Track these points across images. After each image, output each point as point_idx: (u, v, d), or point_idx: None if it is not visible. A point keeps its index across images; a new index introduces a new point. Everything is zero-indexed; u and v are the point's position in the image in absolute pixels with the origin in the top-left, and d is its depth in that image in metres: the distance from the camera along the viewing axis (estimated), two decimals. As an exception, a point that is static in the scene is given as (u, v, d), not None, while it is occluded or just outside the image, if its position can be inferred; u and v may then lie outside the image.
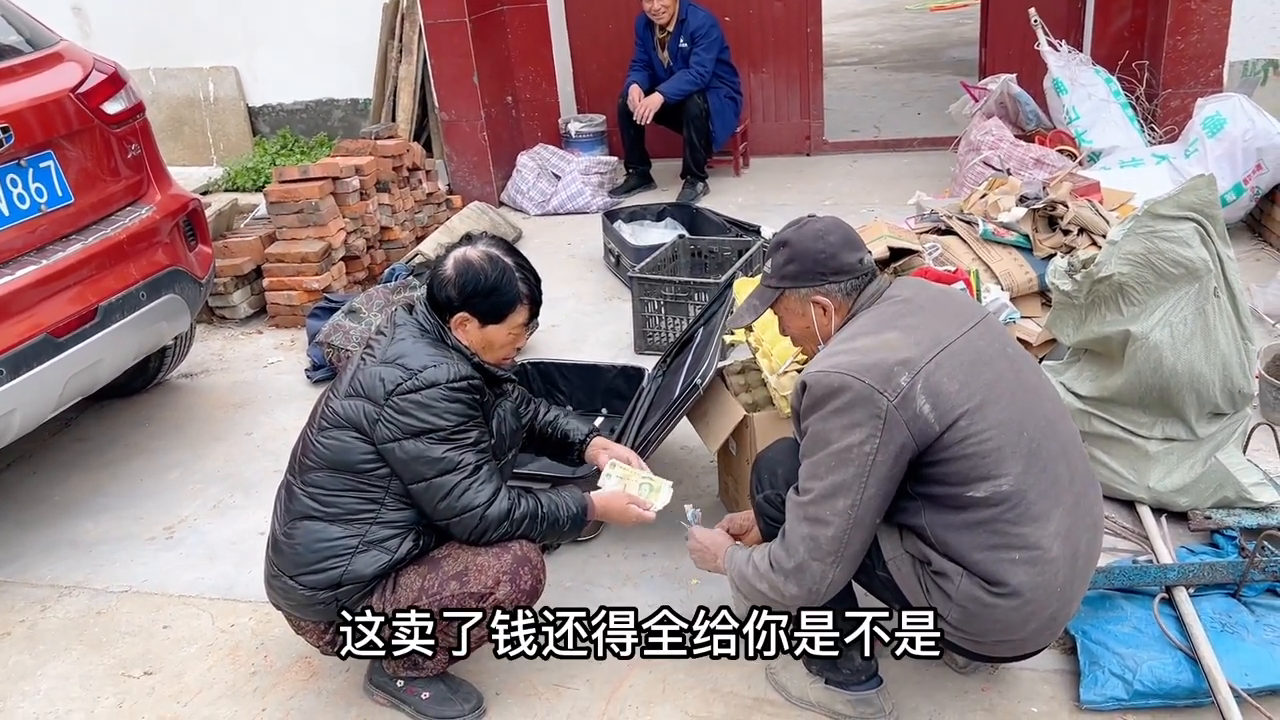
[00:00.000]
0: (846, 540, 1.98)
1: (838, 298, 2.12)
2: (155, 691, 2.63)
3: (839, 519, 1.96)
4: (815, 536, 1.98)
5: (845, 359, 1.95)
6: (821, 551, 1.98)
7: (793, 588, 2.03)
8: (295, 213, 4.86)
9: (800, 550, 2.00)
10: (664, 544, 3.00)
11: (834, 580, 2.01)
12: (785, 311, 2.20)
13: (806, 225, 2.15)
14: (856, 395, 1.91)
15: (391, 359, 2.26)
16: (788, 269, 2.14)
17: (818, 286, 2.12)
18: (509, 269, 2.30)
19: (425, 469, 2.21)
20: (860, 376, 1.91)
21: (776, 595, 2.08)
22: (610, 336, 4.42)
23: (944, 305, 2.09)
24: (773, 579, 2.06)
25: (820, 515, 1.97)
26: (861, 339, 2.00)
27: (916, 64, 9.62)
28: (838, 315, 2.13)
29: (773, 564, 2.06)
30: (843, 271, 2.11)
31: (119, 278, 3.33)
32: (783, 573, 2.04)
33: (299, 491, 2.32)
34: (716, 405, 2.92)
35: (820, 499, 1.97)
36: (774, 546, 2.08)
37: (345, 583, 2.26)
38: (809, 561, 2.00)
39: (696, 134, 6.10)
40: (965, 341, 1.99)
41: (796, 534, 2.01)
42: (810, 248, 2.11)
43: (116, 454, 3.81)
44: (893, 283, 2.16)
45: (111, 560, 3.19)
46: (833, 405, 1.94)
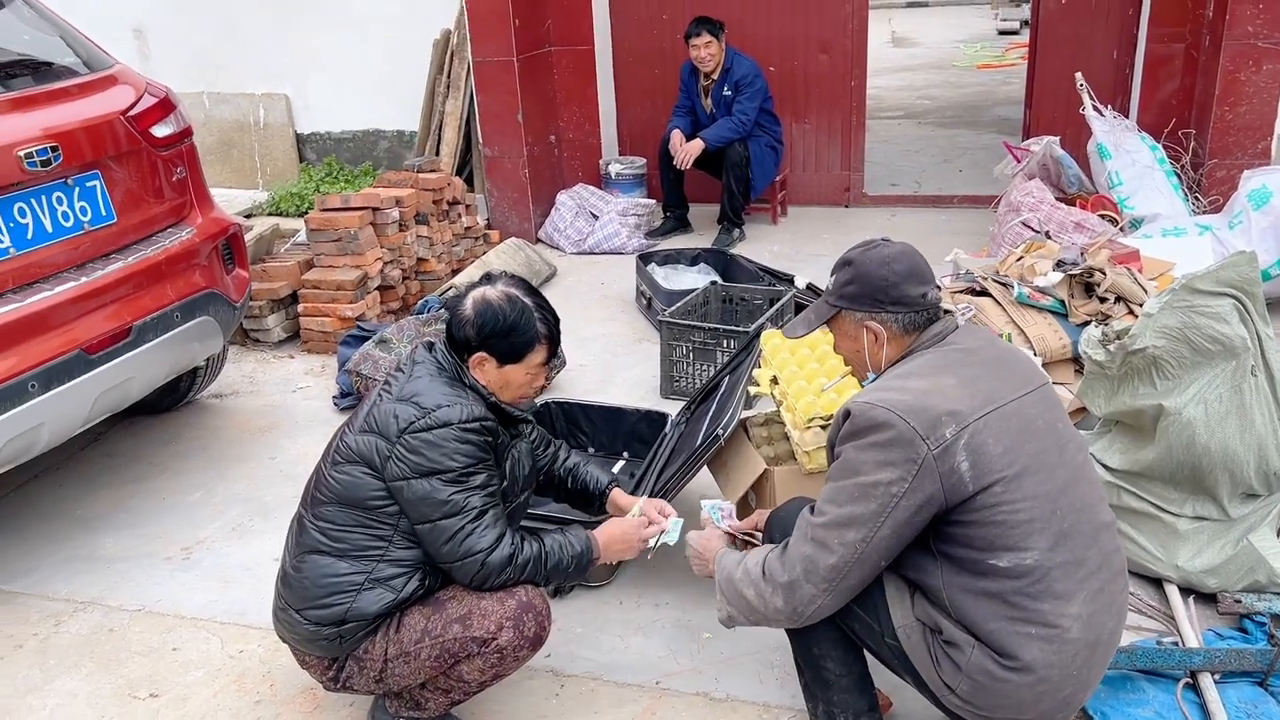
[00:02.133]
0: (845, 573, 1.95)
1: (893, 328, 2.09)
2: (159, 715, 2.62)
3: (844, 550, 1.93)
4: (815, 560, 1.96)
5: (895, 396, 1.93)
6: (817, 576, 1.96)
7: (778, 601, 2.01)
8: (334, 240, 4.92)
9: (797, 568, 1.98)
10: (678, 594, 2.97)
11: (821, 607, 1.99)
12: (838, 331, 2.19)
13: (875, 249, 2.13)
14: (898, 435, 1.88)
15: (407, 396, 2.27)
16: (847, 289, 2.12)
17: (874, 313, 2.09)
18: (528, 309, 2.30)
19: (431, 510, 2.20)
20: (906, 418, 1.88)
21: (760, 605, 2.05)
22: (637, 379, 4.41)
23: (1006, 364, 2.06)
24: (761, 588, 2.04)
25: (827, 540, 1.95)
26: (916, 380, 1.98)
27: (961, 120, 9.61)
28: (890, 346, 2.10)
29: (765, 572, 2.04)
30: (903, 303, 2.08)
31: (155, 298, 3.38)
32: (773, 584, 2.01)
33: (309, 525, 2.32)
34: (737, 456, 2.90)
35: (832, 525, 1.94)
36: (771, 556, 2.05)
37: (350, 619, 2.25)
38: (802, 582, 1.98)
39: (735, 181, 6.12)
40: (1018, 406, 1.96)
41: (798, 551, 1.99)
42: (873, 272, 2.09)
43: (142, 471, 3.84)
44: (959, 328, 2.13)
45: (128, 578, 3.20)
46: (871, 438, 1.91)
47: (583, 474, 2.69)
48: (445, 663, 2.26)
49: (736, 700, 2.57)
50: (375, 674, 2.30)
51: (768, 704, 2.55)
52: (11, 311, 2.92)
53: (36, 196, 3.06)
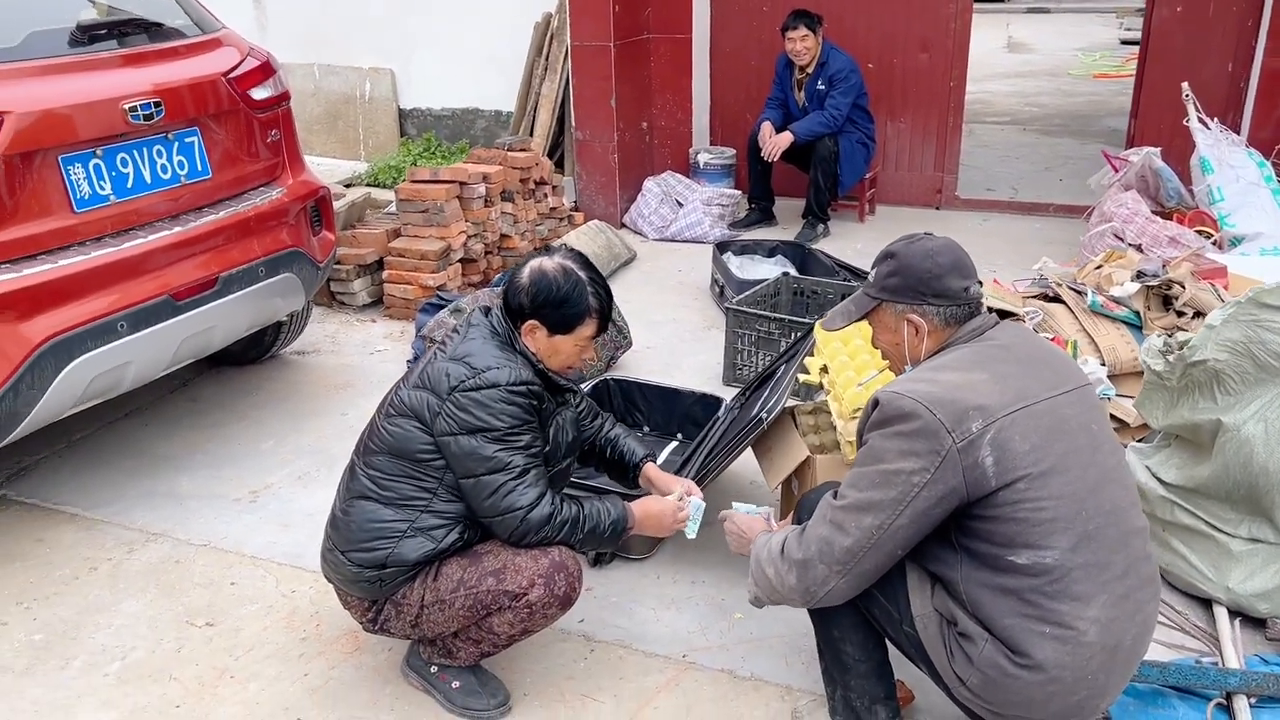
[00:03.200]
0: (859, 557, 1.97)
1: (934, 321, 2.09)
2: (212, 642, 2.78)
3: (860, 534, 1.95)
4: (831, 541, 1.98)
5: (924, 388, 1.94)
6: (831, 557, 1.98)
7: (792, 579, 2.04)
8: (421, 211, 5.07)
9: (812, 548, 2.01)
10: (715, 574, 3.01)
11: (834, 589, 2.01)
12: (878, 323, 2.20)
13: (919, 241, 2.13)
14: (924, 426, 1.89)
15: (460, 356, 2.35)
16: (889, 281, 2.13)
17: (915, 305, 2.10)
18: (581, 282, 2.37)
19: (476, 465, 2.29)
20: (933, 409, 1.89)
21: (778, 583, 2.08)
22: (701, 365, 4.45)
23: (1042, 363, 2.04)
24: (779, 565, 2.07)
25: (844, 523, 1.97)
26: (948, 373, 1.98)
27: (1068, 129, 9.36)
28: (930, 339, 2.10)
29: (783, 550, 2.08)
30: (944, 296, 2.08)
31: (242, 252, 3.55)
32: (789, 562, 2.05)
33: (360, 472, 2.43)
34: (782, 442, 2.92)
35: (851, 508, 1.96)
36: (791, 535, 2.09)
37: (390, 564, 2.35)
38: (816, 562, 2.00)
39: (823, 176, 6.09)
40: (1050, 405, 1.94)
41: (815, 532, 2.02)
42: (916, 265, 2.10)
43: (221, 417, 4.04)
44: (998, 324, 2.13)
45: (198, 515, 3.38)
46: (897, 427, 1.93)
47: (621, 446, 2.75)
48: (477, 613, 2.35)
49: (760, 680, 2.60)
50: (411, 619, 2.40)
51: (790, 686, 2.57)
52: (108, 255, 3.11)
53: (138, 148, 3.25)
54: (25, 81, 2.95)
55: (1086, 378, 2.11)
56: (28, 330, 2.90)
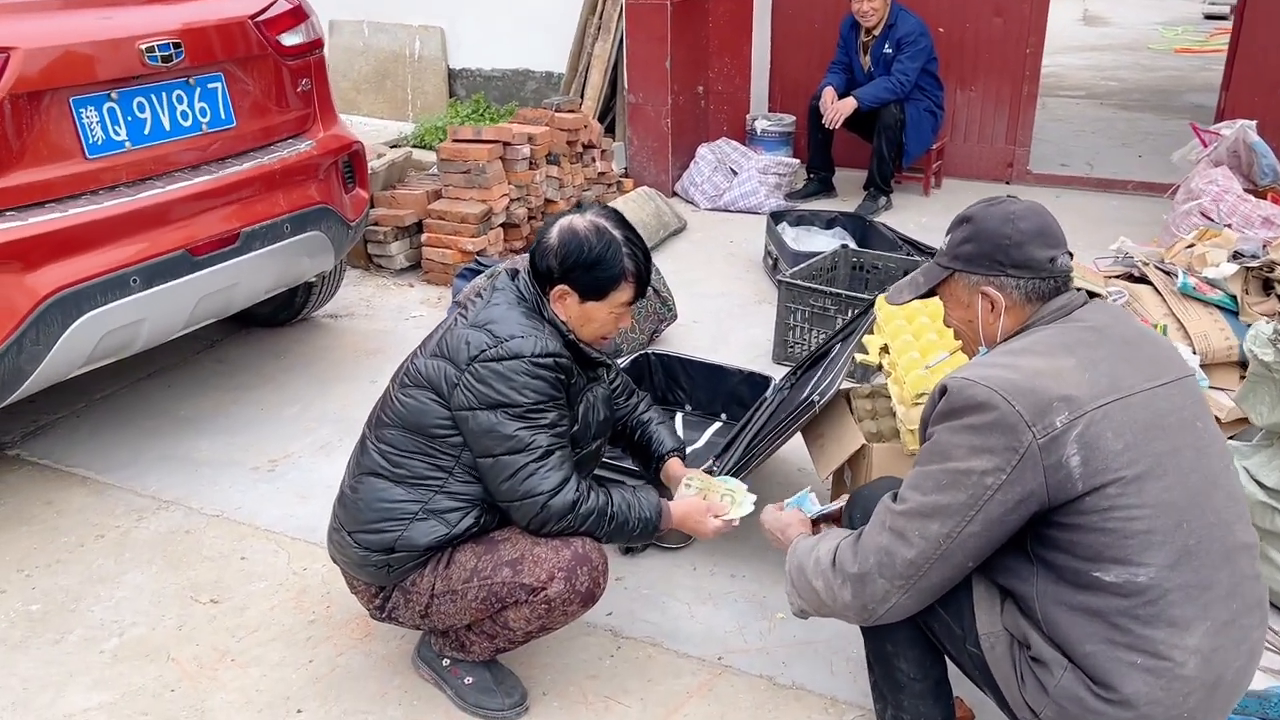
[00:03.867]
0: (924, 571, 1.72)
1: (1013, 295, 1.82)
2: (215, 621, 2.60)
3: (925, 544, 1.70)
4: (892, 552, 1.73)
5: (1001, 374, 1.68)
6: (892, 571, 1.74)
7: (847, 595, 1.79)
8: (463, 172, 4.86)
9: (870, 560, 1.76)
10: (756, 568, 2.77)
11: (896, 606, 1.77)
12: (950, 297, 1.93)
13: (999, 204, 1.86)
14: (999, 419, 1.63)
15: (481, 323, 2.13)
16: (963, 249, 1.86)
17: (992, 276, 1.83)
18: (615, 242, 2.13)
19: (494, 444, 2.07)
20: (1011, 400, 1.63)
21: (829, 598, 1.83)
22: (751, 341, 4.19)
23: (1140, 348, 1.76)
24: (830, 579, 1.82)
25: (906, 531, 1.72)
26: (1029, 357, 1.71)
27: (1147, 104, 8.88)
28: (1009, 317, 1.84)
29: (836, 562, 1.82)
30: (1026, 266, 1.80)
31: (267, 207, 3.36)
32: (843, 576, 1.80)
33: (371, 447, 2.23)
34: (835, 428, 2.66)
35: (914, 514, 1.71)
36: (844, 544, 1.83)
37: (399, 548, 2.15)
38: (875, 576, 1.75)
39: (887, 145, 5.76)
40: (1149, 398, 1.67)
41: (873, 541, 1.77)
42: (995, 230, 1.82)
43: (246, 380, 3.88)
44: (1089, 303, 1.85)
45: (213, 483, 3.21)
46: (968, 420, 1.67)
47: (651, 432, 2.51)
48: (491, 606, 2.14)
49: (802, 689, 2.36)
50: (420, 609, 2.20)
51: (835, 698, 2.33)
52: (121, 205, 2.93)
53: (156, 93, 3.06)
54: (32, 16, 2.77)
55: (1189, 367, 1.82)
56: (33, 282, 2.74)
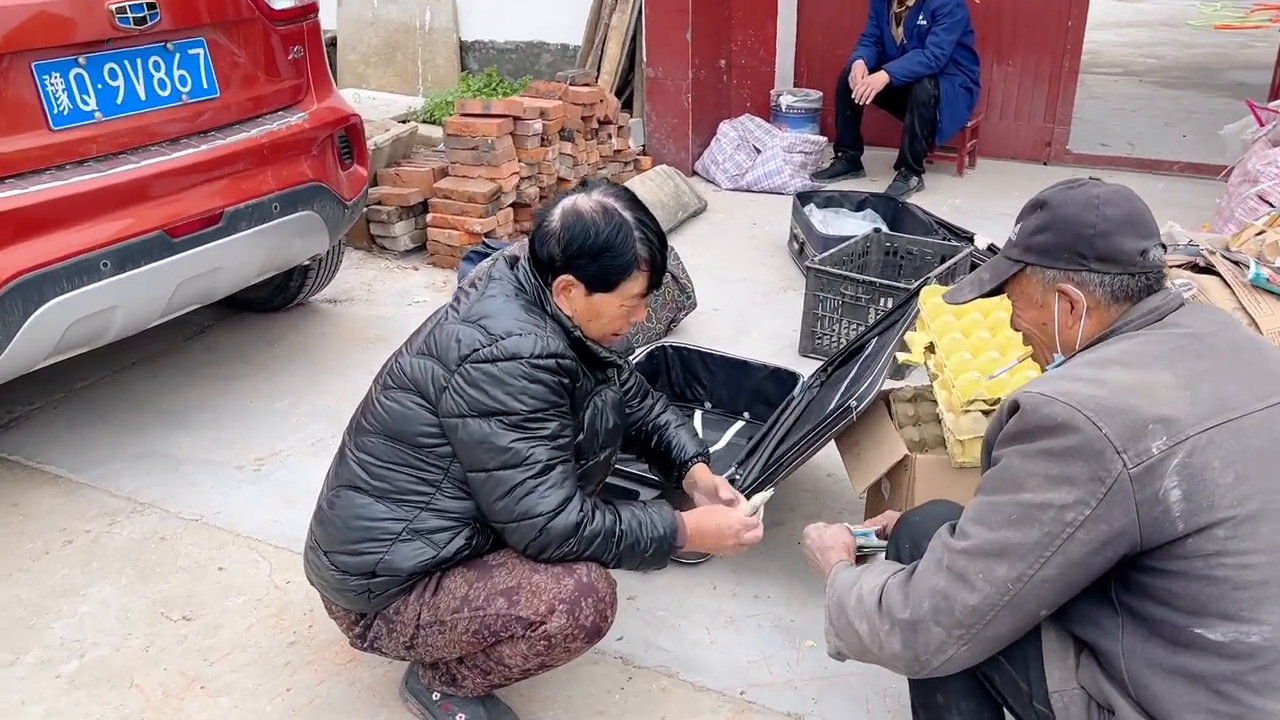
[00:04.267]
0: (989, 620, 1.45)
1: (1097, 294, 1.54)
2: (186, 641, 2.37)
3: (991, 589, 1.43)
4: (950, 597, 1.46)
5: (1085, 390, 1.40)
6: (951, 619, 1.47)
7: (896, 644, 1.52)
8: (470, 149, 4.58)
9: (924, 605, 1.49)
10: (784, 588, 2.51)
11: (953, 658, 1.49)
12: (1020, 296, 1.64)
13: (1080, 186, 1.58)
14: (1083, 444, 1.36)
15: (474, 318, 1.87)
16: (1037, 239, 1.58)
17: (1072, 272, 1.55)
18: (625, 225, 1.85)
19: (487, 458, 1.81)
20: (1097, 420, 1.36)
21: (874, 644, 1.56)
22: (775, 332, 3.91)
23: (1250, 360, 1.47)
24: (876, 623, 1.55)
25: (968, 573, 1.45)
26: (1117, 369, 1.44)
27: (1189, 82, 8.50)
28: (1091, 320, 1.56)
29: (883, 604, 1.55)
30: (1113, 260, 1.52)
31: (254, 184, 3.10)
32: (890, 620, 1.53)
33: (350, 456, 1.98)
34: (873, 435, 2.39)
35: (977, 553, 1.45)
36: (892, 583, 1.56)
37: (381, 572, 1.89)
38: (929, 623, 1.48)
39: (920, 122, 5.45)
40: (1263, 420, 1.39)
41: (928, 583, 1.50)
42: (1076, 216, 1.54)
43: (236, 370, 3.63)
44: (1185, 305, 1.56)
45: (194, 483, 2.97)
46: (1045, 443, 1.40)
47: (670, 436, 2.25)
48: (484, 639, 1.89)
49: (835, 731, 2.11)
50: (405, 640, 1.95)
51: (872, 743, 2.08)
52: (91, 181, 2.68)
53: (130, 58, 2.80)
54: (-14, -29, 2.51)
55: (1310, 382, 1.54)
56: (-9, 266, 2.49)
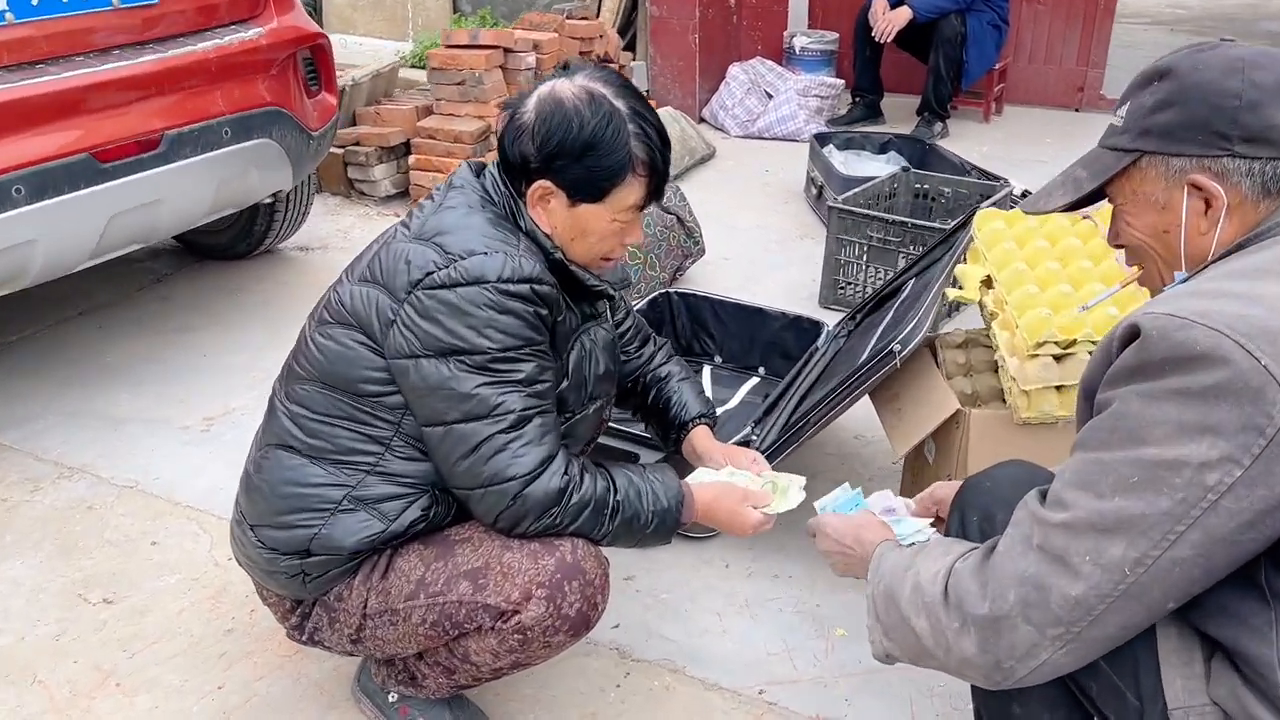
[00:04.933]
0: (1098, 615, 1.08)
1: (1240, 187, 1.14)
2: (106, 628, 2.01)
3: (1100, 576, 1.06)
4: (1045, 586, 1.09)
5: (1233, 309, 1.02)
6: (1046, 615, 1.09)
7: (969, 646, 1.14)
8: (457, 84, 4.20)
9: (1009, 597, 1.11)
10: (807, 566, 2.14)
11: (1046, 665, 1.12)
12: (1132, 197, 1.24)
13: (1214, 49, 1.19)
14: (1233, 380, 0.99)
15: (429, 235, 1.49)
16: (1158, 118, 1.18)
17: (1208, 159, 1.15)
18: (616, 116, 1.47)
19: (445, 408, 1.44)
20: (1254, 349, 0.99)
21: (937, 646, 1.19)
22: (792, 282, 3.53)
23: None
24: (941, 619, 1.17)
25: (1069, 554, 1.08)
26: (1273, 282, 1.07)
27: (1220, 31, 8.06)
28: (1232, 222, 1.17)
29: (949, 595, 1.17)
30: (1265, 140, 1.13)
31: (200, 105, 2.72)
32: (961, 616, 1.15)
33: (280, 409, 1.61)
34: (917, 388, 2.01)
35: (1083, 528, 1.08)
36: (963, 568, 1.18)
37: (317, 550, 1.53)
38: (1016, 619, 1.11)
39: (945, 63, 5.03)
40: None
41: (1013, 568, 1.12)
42: (1214, 85, 1.15)
43: (192, 321, 3.26)
44: None
45: (133, 444, 2.61)
46: (1178, 380, 1.03)
47: (670, 391, 1.87)
48: (445, 632, 1.52)
49: (873, 740, 1.75)
50: (350, 632, 1.59)
51: (919, 756, 1.72)
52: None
53: (47, -49, 2.41)
54: None
55: None
56: (-124, 189, 2.12)
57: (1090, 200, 1.33)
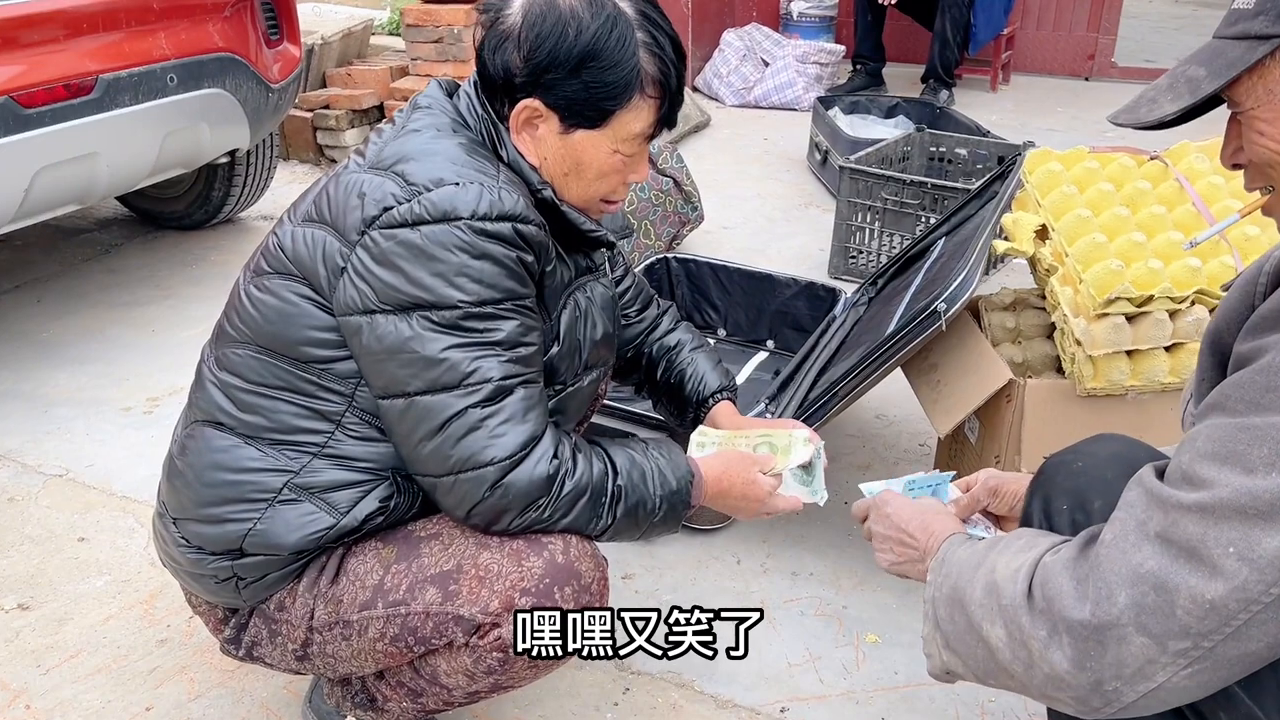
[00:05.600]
0: (1240, 625, 0.82)
1: None
2: (18, 639, 1.73)
3: (1250, 573, 0.81)
4: (1169, 585, 0.83)
5: None
6: (1170, 623, 0.83)
7: (1061, 660, 0.88)
8: (434, 41, 3.91)
9: (1119, 597, 0.85)
10: (831, 562, 1.88)
11: (1165, 689, 0.86)
12: (1268, 98, 0.95)
13: None
14: None
15: (388, 163, 1.21)
16: None
17: None
18: (622, 20, 1.20)
19: (407, 375, 1.16)
20: None
21: (1015, 660, 0.92)
22: (799, 251, 3.27)
23: None
24: (1024, 626, 0.91)
25: (1204, 545, 0.82)
26: None
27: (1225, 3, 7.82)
28: None
29: (1034, 593, 0.91)
30: None
31: (140, 48, 2.43)
32: (1051, 621, 0.89)
33: (208, 377, 1.33)
34: (960, 356, 1.74)
35: (1227, 511, 0.82)
36: (1054, 562, 0.92)
37: (251, 549, 1.25)
38: (1129, 629, 0.84)
39: (951, 26, 4.78)
40: None
41: (1125, 560, 0.86)
42: None
43: (142, 294, 2.97)
44: None
45: (66, 429, 2.33)
46: None
47: (684, 363, 1.60)
48: (409, 648, 1.25)
49: (917, 768, 1.49)
50: (295, 647, 1.31)
51: (974, 788, 1.46)
52: (-99, 25, 2.01)
53: None
54: None
55: None
56: None
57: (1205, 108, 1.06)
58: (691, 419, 1.56)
